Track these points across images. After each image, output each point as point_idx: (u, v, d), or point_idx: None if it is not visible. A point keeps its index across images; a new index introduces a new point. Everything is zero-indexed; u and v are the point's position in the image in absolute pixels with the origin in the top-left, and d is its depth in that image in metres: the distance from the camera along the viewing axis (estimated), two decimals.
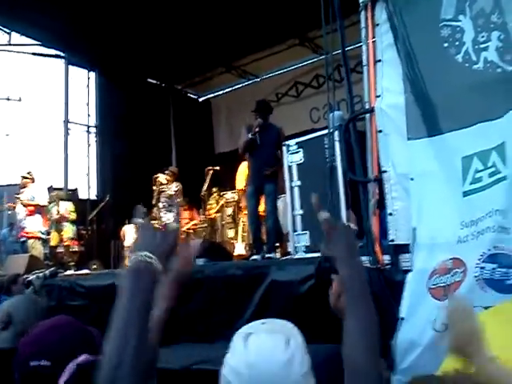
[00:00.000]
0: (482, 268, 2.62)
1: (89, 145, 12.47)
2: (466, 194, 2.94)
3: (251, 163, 6.34)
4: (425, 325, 2.70)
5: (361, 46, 4.16)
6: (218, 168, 8.63)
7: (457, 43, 3.29)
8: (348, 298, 1.16)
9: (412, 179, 3.25)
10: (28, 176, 8.77)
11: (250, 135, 6.03)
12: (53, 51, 12.35)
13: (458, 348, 0.86)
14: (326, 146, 4.37)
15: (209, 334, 3.83)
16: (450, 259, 2.81)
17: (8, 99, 19.45)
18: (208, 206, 8.74)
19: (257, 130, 6.00)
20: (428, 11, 3.46)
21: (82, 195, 11.89)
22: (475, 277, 2.61)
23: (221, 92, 14.20)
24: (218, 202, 8.44)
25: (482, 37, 3.18)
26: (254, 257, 5.85)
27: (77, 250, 9.11)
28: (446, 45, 3.33)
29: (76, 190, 11.65)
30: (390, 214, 3.31)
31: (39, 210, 8.66)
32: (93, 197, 11.99)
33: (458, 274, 2.72)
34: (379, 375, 1.08)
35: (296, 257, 4.52)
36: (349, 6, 4.59)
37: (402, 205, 3.28)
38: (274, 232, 6.07)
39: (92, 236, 9.67)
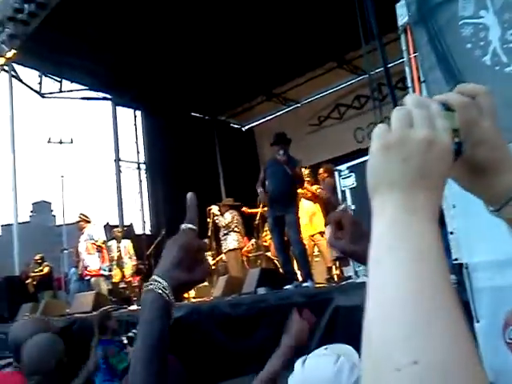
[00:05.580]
0: None
1: (140, 181, 12.90)
2: None
3: (268, 194, 6.29)
4: None
5: (400, 62, 4.20)
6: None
7: (481, 43, 2.94)
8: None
9: (454, 206, 2.99)
10: (84, 218, 9.11)
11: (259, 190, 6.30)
12: (100, 94, 12.98)
13: None
14: None
15: None
16: None
17: (61, 142, 20.32)
18: (264, 233, 8.86)
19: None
20: (452, 15, 3.15)
21: (137, 230, 12.27)
22: None
23: (263, 120, 14.43)
24: None
25: None
26: (287, 286, 5.62)
27: (137, 284, 9.37)
28: (469, 46, 3.02)
29: (131, 225, 12.01)
30: (451, 233, 3.29)
31: (98, 248, 8.98)
32: (147, 231, 12.34)
33: None
34: None
35: (358, 281, 4.53)
36: (385, 24, 4.68)
37: (462, 222, 3.24)
38: (303, 260, 6.04)
39: (150, 270, 9.91)
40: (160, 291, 0.87)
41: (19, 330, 2.44)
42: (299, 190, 6.66)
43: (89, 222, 9.23)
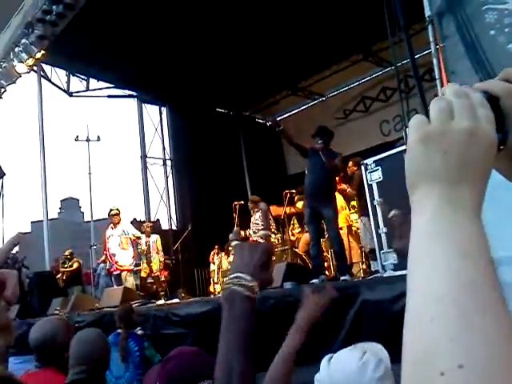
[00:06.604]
0: None
1: (166, 177, 13.02)
2: None
3: (305, 185, 6.29)
4: None
5: (426, 54, 4.14)
6: (293, 191, 8.72)
7: (506, 30, 2.86)
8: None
9: None
10: (118, 212, 9.07)
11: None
12: (126, 92, 13.15)
13: None
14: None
15: (305, 356, 3.86)
16: None
17: (88, 140, 20.60)
18: (290, 227, 8.86)
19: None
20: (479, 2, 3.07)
21: (164, 226, 12.39)
22: None
23: (288, 114, 14.37)
24: (301, 223, 8.50)
25: None
26: (313, 281, 5.58)
27: (164, 279, 9.47)
28: (492, 32, 2.95)
29: (158, 221, 12.13)
30: None
31: (132, 243, 9.04)
32: (173, 227, 12.45)
33: None
34: None
35: (385, 275, 4.50)
36: (410, 15, 4.62)
37: (492, 215, 3.19)
38: (342, 255, 6.02)
39: (177, 265, 10.01)
40: (248, 293, 0.97)
41: (42, 329, 2.49)
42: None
43: (120, 215, 9.26)
